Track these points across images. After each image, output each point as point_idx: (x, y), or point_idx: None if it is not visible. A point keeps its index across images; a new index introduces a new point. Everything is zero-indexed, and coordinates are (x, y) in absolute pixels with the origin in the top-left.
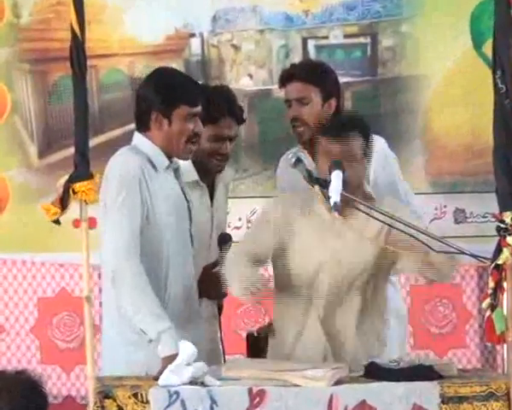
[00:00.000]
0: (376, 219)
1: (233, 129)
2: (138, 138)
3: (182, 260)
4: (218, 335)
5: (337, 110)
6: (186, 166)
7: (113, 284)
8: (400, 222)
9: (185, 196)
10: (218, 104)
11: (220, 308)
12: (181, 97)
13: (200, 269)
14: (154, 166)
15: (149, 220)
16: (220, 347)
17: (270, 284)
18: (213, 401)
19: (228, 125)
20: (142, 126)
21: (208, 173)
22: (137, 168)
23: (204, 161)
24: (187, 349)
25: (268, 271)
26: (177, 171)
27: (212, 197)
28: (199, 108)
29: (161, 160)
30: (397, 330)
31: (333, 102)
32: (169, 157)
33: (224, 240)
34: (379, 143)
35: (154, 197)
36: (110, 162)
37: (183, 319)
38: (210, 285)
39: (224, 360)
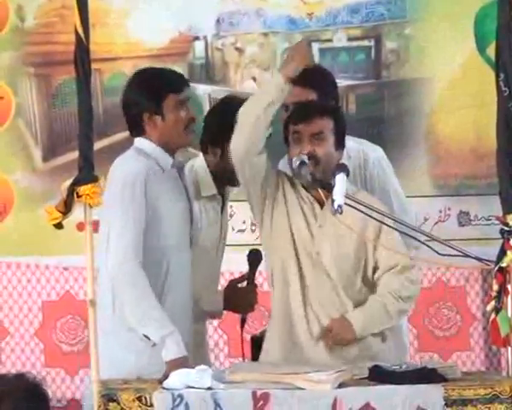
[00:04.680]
0: (375, 219)
1: None
2: (140, 141)
3: (180, 266)
4: (205, 338)
5: None
6: (206, 180)
7: (114, 289)
8: (405, 225)
9: (188, 198)
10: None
11: (243, 321)
12: (165, 88)
13: (200, 276)
14: (160, 167)
15: (151, 224)
16: (207, 350)
17: None
18: (217, 405)
19: None
20: (138, 131)
21: (227, 187)
22: (142, 171)
23: (226, 175)
24: (204, 376)
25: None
26: (181, 170)
27: (222, 209)
28: (186, 94)
29: (165, 159)
30: None
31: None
32: (171, 153)
33: (254, 258)
34: (379, 151)
35: (157, 201)
36: (115, 164)
37: (179, 325)
38: (236, 299)
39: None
